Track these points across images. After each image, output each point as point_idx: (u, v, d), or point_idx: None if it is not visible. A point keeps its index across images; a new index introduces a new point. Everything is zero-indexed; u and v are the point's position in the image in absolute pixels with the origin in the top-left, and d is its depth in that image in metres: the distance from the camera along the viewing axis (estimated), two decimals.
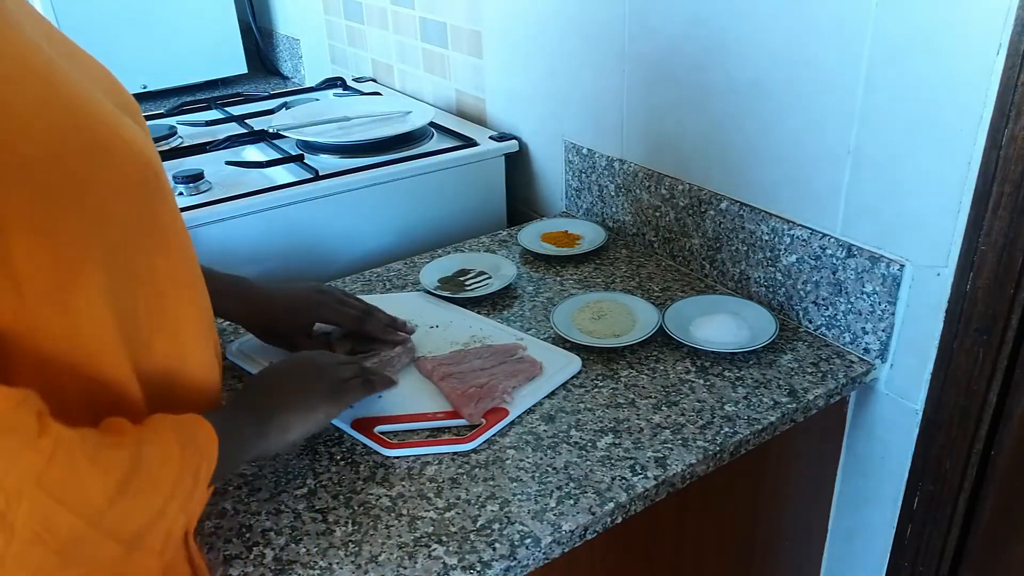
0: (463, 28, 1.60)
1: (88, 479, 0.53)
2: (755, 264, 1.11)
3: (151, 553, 0.59)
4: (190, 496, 0.61)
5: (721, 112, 1.10)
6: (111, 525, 0.54)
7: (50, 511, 0.51)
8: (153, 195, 0.64)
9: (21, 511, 0.49)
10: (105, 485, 0.54)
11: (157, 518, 0.58)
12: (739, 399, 0.93)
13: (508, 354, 1.00)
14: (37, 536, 0.50)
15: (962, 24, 0.80)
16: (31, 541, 0.50)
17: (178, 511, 0.60)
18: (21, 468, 0.49)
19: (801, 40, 0.96)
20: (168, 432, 0.61)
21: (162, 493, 0.58)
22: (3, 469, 0.48)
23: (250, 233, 1.29)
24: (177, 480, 0.59)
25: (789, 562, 1.16)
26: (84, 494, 0.53)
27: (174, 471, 0.59)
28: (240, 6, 2.43)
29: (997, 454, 0.92)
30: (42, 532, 0.50)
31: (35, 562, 0.51)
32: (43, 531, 0.51)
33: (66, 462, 0.51)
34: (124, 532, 0.56)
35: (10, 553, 0.49)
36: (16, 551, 0.49)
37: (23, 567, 0.50)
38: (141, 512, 0.57)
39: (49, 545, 0.51)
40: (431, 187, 1.45)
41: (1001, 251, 0.82)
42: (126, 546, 0.56)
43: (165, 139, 1.60)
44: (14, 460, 0.49)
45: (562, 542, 0.76)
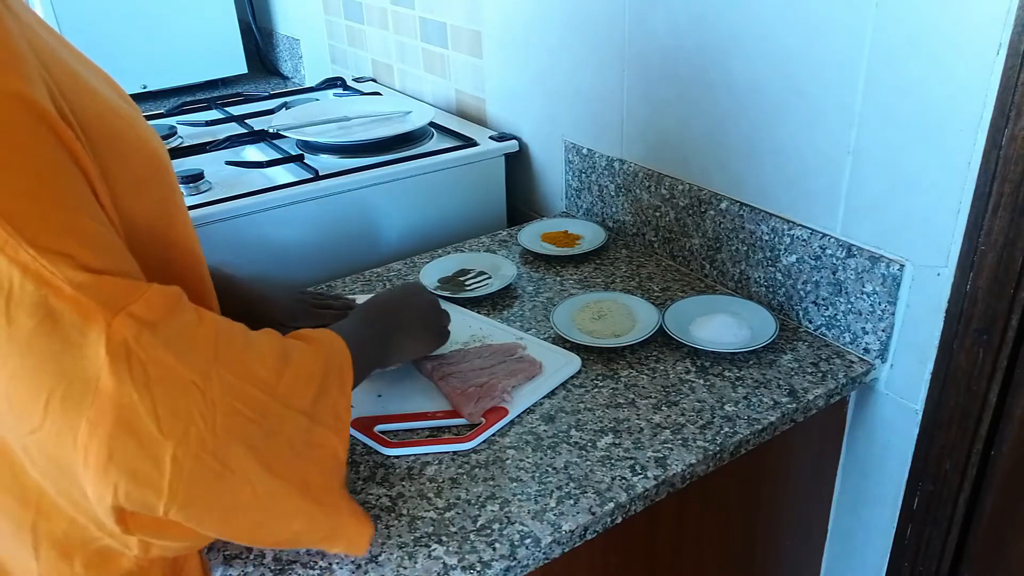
0: (463, 28, 1.60)
1: (250, 357, 0.59)
2: (755, 264, 1.11)
3: (328, 429, 0.64)
4: (342, 379, 0.67)
5: (721, 112, 1.10)
6: (285, 395, 0.60)
7: (235, 385, 0.56)
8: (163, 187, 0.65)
9: (214, 387, 0.55)
10: (264, 361, 0.60)
11: (320, 393, 0.63)
12: (739, 399, 0.93)
13: (508, 353, 1.00)
14: (233, 408, 0.56)
15: (962, 24, 0.80)
16: (231, 412, 0.56)
17: (339, 391, 0.66)
18: (202, 351, 0.55)
19: (801, 40, 0.96)
20: (304, 334, 0.68)
21: (317, 370, 0.64)
22: (192, 354, 0.54)
23: (250, 233, 1.29)
24: (326, 362, 0.66)
25: (789, 562, 1.16)
26: (252, 369, 0.59)
27: (320, 354, 0.66)
28: (240, 6, 2.43)
29: (997, 454, 0.92)
30: (236, 403, 0.56)
31: (241, 430, 0.57)
32: (236, 402, 0.56)
33: (229, 343, 0.58)
34: (298, 401, 0.61)
35: (219, 424, 0.55)
36: (223, 423, 0.55)
37: (233, 439, 0.56)
38: (304, 385, 0.62)
39: (245, 416, 0.57)
40: (431, 187, 1.45)
41: (1001, 251, 0.82)
42: (307, 417, 0.62)
43: (165, 139, 1.60)
44: (193, 346, 0.55)
45: (562, 542, 0.76)
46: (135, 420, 0.52)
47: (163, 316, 0.54)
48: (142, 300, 0.53)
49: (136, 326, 0.52)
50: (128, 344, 0.51)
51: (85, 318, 0.50)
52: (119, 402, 0.51)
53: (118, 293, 0.52)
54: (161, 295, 0.54)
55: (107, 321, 0.51)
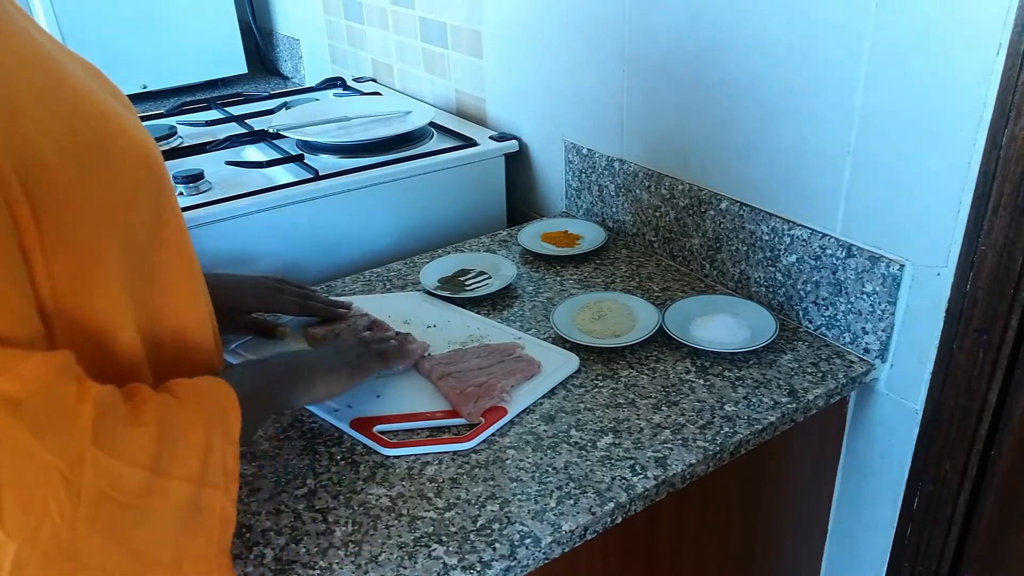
0: (463, 28, 1.60)
1: (133, 431, 0.54)
2: (755, 264, 1.11)
3: (217, 489, 0.59)
4: (227, 426, 0.63)
5: (721, 112, 1.10)
6: (170, 466, 0.56)
7: (112, 468, 0.51)
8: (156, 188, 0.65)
9: (86, 474, 0.50)
10: (149, 432, 0.55)
11: (207, 452, 0.59)
12: (739, 399, 0.93)
13: (506, 353, 1.00)
14: (104, 496, 0.51)
15: (962, 24, 0.80)
16: (99, 501, 0.51)
17: (223, 441, 0.61)
18: (74, 433, 0.50)
19: (801, 40, 0.96)
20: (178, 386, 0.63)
21: (199, 429, 0.60)
22: (59, 437, 0.49)
23: (250, 233, 1.29)
24: (208, 418, 0.61)
25: (789, 562, 1.16)
26: (136, 445, 0.54)
27: (200, 412, 0.61)
28: (240, 6, 2.43)
29: (997, 454, 0.92)
30: (109, 491, 0.51)
31: (109, 520, 0.51)
32: (110, 489, 0.51)
33: (110, 420, 0.53)
34: (185, 470, 0.57)
35: (80, 515, 0.49)
36: (86, 513, 0.50)
37: (95, 531, 0.51)
38: (191, 447, 0.58)
39: (120, 501, 0.52)
40: (431, 187, 1.45)
41: (1001, 251, 0.82)
42: (194, 483, 0.57)
43: (165, 139, 1.60)
44: (66, 427, 0.50)
45: (562, 542, 0.76)
46: None
47: (33, 393, 0.48)
48: (11, 375, 0.47)
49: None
50: None
51: None
52: None
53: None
54: (39, 367, 0.49)
55: None
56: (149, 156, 0.64)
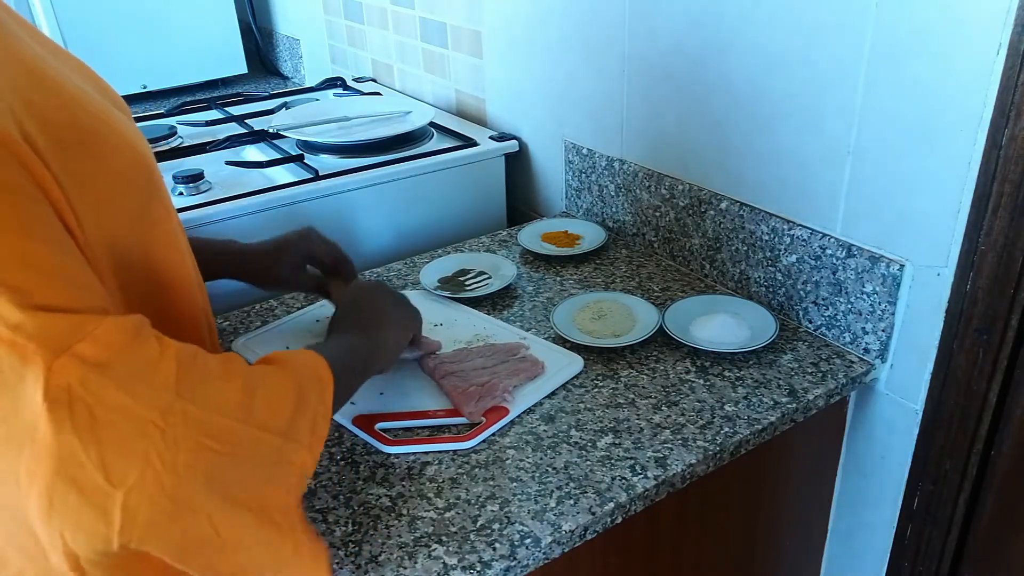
0: (463, 28, 1.60)
1: (219, 383, 0.56)
2: (755, 264, 1.11)
3: (302, 447, 0.61)
4: (323, 391, 0.65)
5: (721, 112, 1.10)
6: (259, 419, 0.58)
7: (201, 418, 0.54)
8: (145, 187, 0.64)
9: (178, 424, 0.52)
10: (236, 385, 0.57)
11: (297, 408, 0.61)
12: (739, 399, 0.93)
13: (510, 353, 1.00)
14: (199, 444, 0.53)
15: (962, 24, 0.80)
16: (196, 449, 0.53)
17: (317, 402, 0.63)
18: (161, 387, 0.52)
19: (801, 40, 0.96)
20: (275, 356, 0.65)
21: (291, 388, 0.62)
22: (149, 391, 0.52)
23: (250, 233, 1.28)
24: (300, 381, 0.63)
25: (789, 562, 1.16)
26: (222, 396, 0.56)
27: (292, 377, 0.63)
28: (240, 6, 2.43)
29: (997, 454, 0.92)
30: (203, 439, 0.53)
31: (204, 469, 0.54)
32: (204, 437, 0.53)
33: (194, 373, 0.55)
34: (275, 423, 0.59)
35: (179, 464, 0.52)
36: (184, 461, 0.52)
37: (194, 477, 0.53)
38: (281, 404, 0.60)
39: (213, 449, 0.54)
40: (431, 187, 1.45)
41: (1001, 251, 0.82)
42: (281, 437, 0.59)
43: (165, 139, 1.60)
44: (153, 382, 0.52)
45: (562, 542, 0.76)
46: (76, 470, 0.49)
47: (115, 353, 0.51)
48: (90, 338, 0.50)
49: (81, 368, 0.49)
50: (71, 388, 0.48)
51: (22, 360, 0.48)
52: (57, 452, 0.48)
53: (63, 332, 0.49)
54: (115, 329, 0.51)
55: (47, 364, 0.48)
56: (138, 154, 0.63)
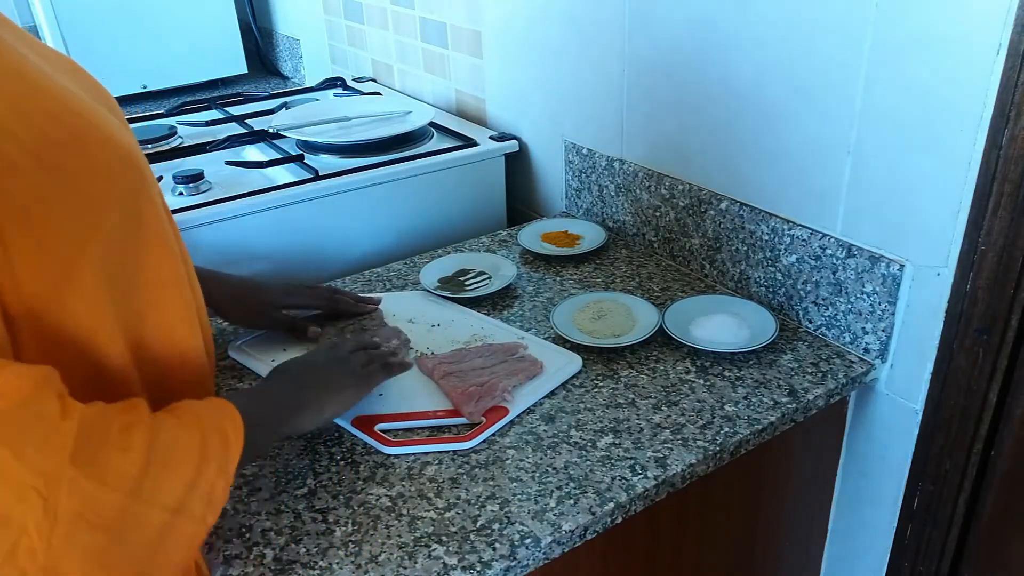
0: (463, 28, 1.60)
1: (116, 454, 0.53)
2: (755, 264, 1.11)
3: (194, 520, 0.58)
4: (225, 459, 0.61)
5: (721, 112, 1.10)
6: (151, 494, 0.54)
7: (90, 490, 0.50)
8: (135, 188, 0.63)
9: (62, 494, 0.49)
10: (133, 457, 0.54)
11: (195, 482, 0.58)
12: (739, 399, 0.93)
13: (509, 353, 1.00)
14: (81, 517, 0.50)
15: (962, 24, 0.80)
16: (75, 522, 0.50)
17: (216, 473, 0.60)
18: (53, 451, 0.49)
19: (801, 40, 0.96)
20: (184, 409, 0.61)
21: (192, 457, 0.58)
22: (38, 455, 0.48)
23: (250, 233, 1.29)
24: (204, 446, 0.59)
25: (789, 562, 1.16)
26: (117, 468, 0.53)
27: (196, 438, 0.59)
28: (240, 6, 2.43)
29: (997, 454, 0.92)
30: (86, 512, 0.50)
31: (83, 543, 0.51)
32: (86, 511, 0.50)
33: (93, 440, 0.51)
34: (166, 499, 0.56)
35: (56, 536, 0.49)
36: (62, 534, 0.49)
37: (71, 550, 0.50)
38: (177, 477, 0.57)
39: (94, 524, 0.51)
40: (431, 187, 1.45)
41: (1001, 251, 0.82)
42: (171, 513, 0.56)
43: (165, 139, 1.60)
44: (44, 444, 0.49)
45: (562, 542, 0.76)
46: None
47: (12, 406, 0.47)
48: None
49: None
50: None
51: None
52: None
53: None
54: (18, 379, 0.48)
55: None
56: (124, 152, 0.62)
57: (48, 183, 0.54)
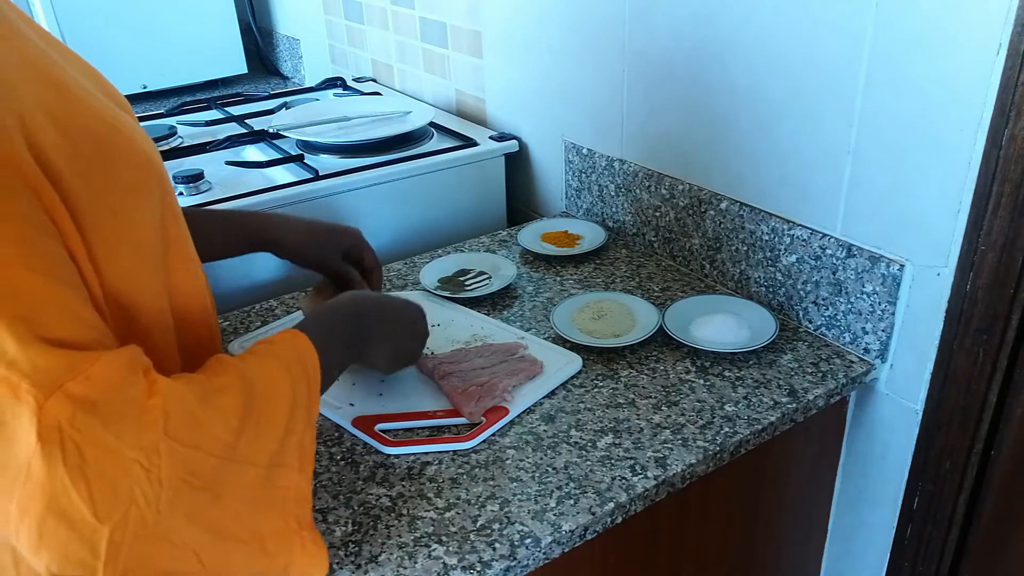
0: (463, 28, 1.60)
1: (207, 421, 0.57)
2: (755, 264, 1.11)
3: (291, 469, 0.62)
4: (309, 409, 0.65)
5: (721, 112, 1.10)
6: (245, 453, 0.59)
7: (188, 456, 0.55)
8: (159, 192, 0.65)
9: (163, 463, 0.53)
10: (225, 422, 0.58)
11: (285, 435, 0.62)
12: (739, 399, 0.93)
13: (509, 353, 1.00)
14: (183, 481, 0.54)
15: (962, 24, 0.80)
16: (179, 487, 0.54)
17: (305, 425, 0.64)
18: (147, 427, 0.53)
19: (801, 39, 0.96)
20: (271, 359, 0.65)
21: (282, 413, 0.62)
22: (135, 432, 0.52)
23: None
24: (293, 398, 0.63)
25: (789, 562, 1.16)
26: (209, 434, 0.57)
27: (287, 391, 0.63)
28: (240, 6, 2.43)
29: (997, 454, 0.92)
30: (187, 476, 0.55)
31: (188, 503, 0.55)
32: (188, 475, 0.55)
33: (183, 411, 0.55)
34: (259, 456, 0.60)
35: (163, 500, 0.53)
36: (168, 498, 0.53)
37: (177, 510, 0.54)
38: (268, 435, 0.61)
39: (196, 485, 0.55)
40: (431, 187, 1.45)
41: (1001, 251, 0.82)
42: (265, 468, 0.60)
43: (165, 139, 1.60)
44: (137, 422, 0.53)
45: (562, 542, 0.76)
46: (67, 505, 0.50)
47: (104, 393, 0.51)
48: (82, 377, 0.50)
49: (71, 407, 0.50)
50: (61, 427, 0.49)
51: (16, 399, 0.48)
52: (50, 488, 0.49)
53: (55, 370, 0.50)
54: (108, 367, 0.52)
55: (39, 403, 0.48)
56: (148, 160, 0.64)
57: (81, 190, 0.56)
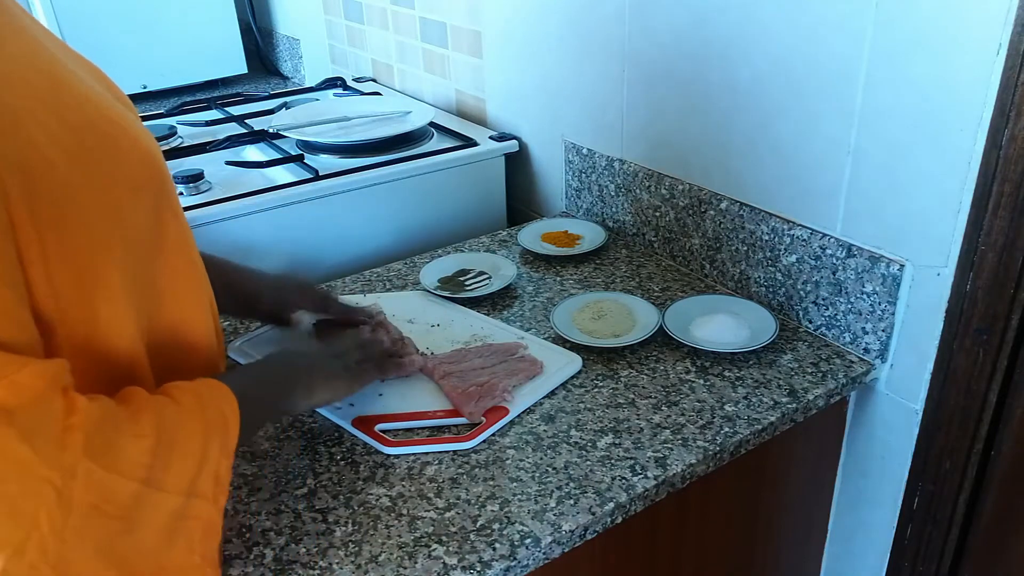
0: (463, 28, 1.60)
1: (129, 441, 0.54)
2: (755, 264, 1.11)
3: (204, 499, 0.59)
4: (225, 437, 0.62)
5: (721, 112, 1.10)
6: (161, 479, 0.55)
7: (105, 480, 0.51)
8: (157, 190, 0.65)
9: (77, 486, 0.49)
10: (145, 444, 0.55)
11: (202, 462, 0.59)
12: (739, 399, 0.93)
13: (509, 353, 1.00)
14: (95, 508, 0.51)
15: (962, 24, 0.80)
16: (90, 514, 0.50)
17: (219, 453, 0.61)
18: (68, 445, 0.50)
19: (801, 39, 0.96)
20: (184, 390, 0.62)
21: (197, 439, 0.59)
22: (54, 449, 0.49)
23: (250, 233, 1.29)
24: (207, 427, 0.61)
25: (789, 562, 1.16)
26: (128, 456, 0.53)
27: (199, 417, 0.61)
28: (240, 6, 2.43)
29: (997, 454, 0.92)
30: (100, 503, 0.51)
31: (97, 533, 0.51)
32: (101, 501, 0.51)
33: (104, 430, 0.52)
34: (178, 482, 0.57)
35: (69, 529, 0.49)
36: (76, 524, 0.50)
37: (85, 539, 0.51)
38: (186, 458, 0.58)
39: (109, 513, 0.52)
40: (431, 187, 1.45)
41: (1001, 251, 0.82)
42: (184, 495, 0.57)
43: (165, 139, 1.60)
44: (58, 438, 0.49)
45: (562, 542, 0.76)
46: None
47: (27, 402, 0.48)
48: (5, 382, 0.47)
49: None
50: None
51: None
52: None
53: None
54: (35, 376, 0.49)
55: None
56: (151, 157, 0.64)
57: (82, 185, 0.55)
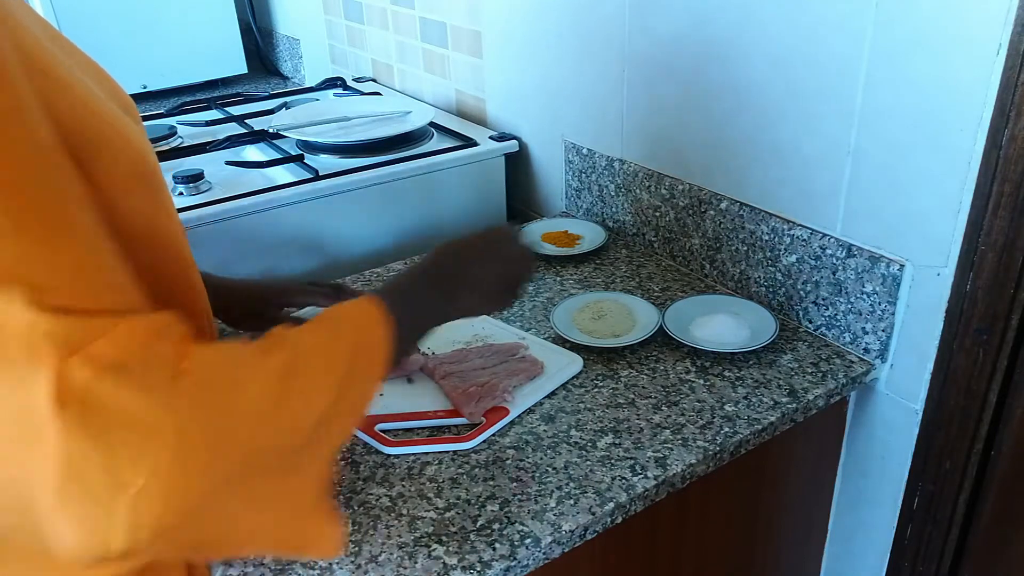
0: (463, 28, 1.60)
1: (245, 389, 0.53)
2: (755, 264, 1.11)
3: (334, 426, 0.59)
4: (370, 367, 0.61)
5: (721, 112, 1.10)
6: (287, 420, 0.55)
7: (222, 427, 0.51)
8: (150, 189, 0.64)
9: (194, 431, 0.49)
10: (264, 388, 0.54)
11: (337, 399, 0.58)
12: (739, 399, 0.93)
13: (509, 353, 1.00)
14: (216, 452, 0.50)
15: (962, 24, 0.80)
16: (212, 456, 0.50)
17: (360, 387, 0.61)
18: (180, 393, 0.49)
19: (801, 39, 0.96)
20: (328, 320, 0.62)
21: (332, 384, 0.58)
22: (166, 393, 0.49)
23: (250, 233, 1.29)
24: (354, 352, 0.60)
25: (789, 562, 1.16)
26: (247, 402, 0.53)
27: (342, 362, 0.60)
28: (240, 6, 2.43)
29: (997, 454, 0.92)
30: (220, 445, 0.51)
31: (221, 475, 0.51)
32: (221, 444, 0.51)
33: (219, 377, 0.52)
34: (305, 421, 0.56)
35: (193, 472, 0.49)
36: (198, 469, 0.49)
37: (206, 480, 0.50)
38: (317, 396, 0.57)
39: (231, 457, 0.51)
40: (431, 187, 1.45)
41: (1001, 251, 0.82)
42: (308, 434, 0.56)
43: (165, 139, 1.60)
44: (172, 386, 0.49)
45: (562, 542, 0.76)
46: (86, 472, 0.46)
47: (133, 355, 0.48)
48: (106, 338, 0.47)
49: (94, 369, 0.46)
50: (82, 390, 0.46)
51: (32, 359, 0.45)
52: (67, 454, 0.46)
53: (78, 331, 0.47)
54: (138, 328, 0.49)
55: (58, 364, 0.45)
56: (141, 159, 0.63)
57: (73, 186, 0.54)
